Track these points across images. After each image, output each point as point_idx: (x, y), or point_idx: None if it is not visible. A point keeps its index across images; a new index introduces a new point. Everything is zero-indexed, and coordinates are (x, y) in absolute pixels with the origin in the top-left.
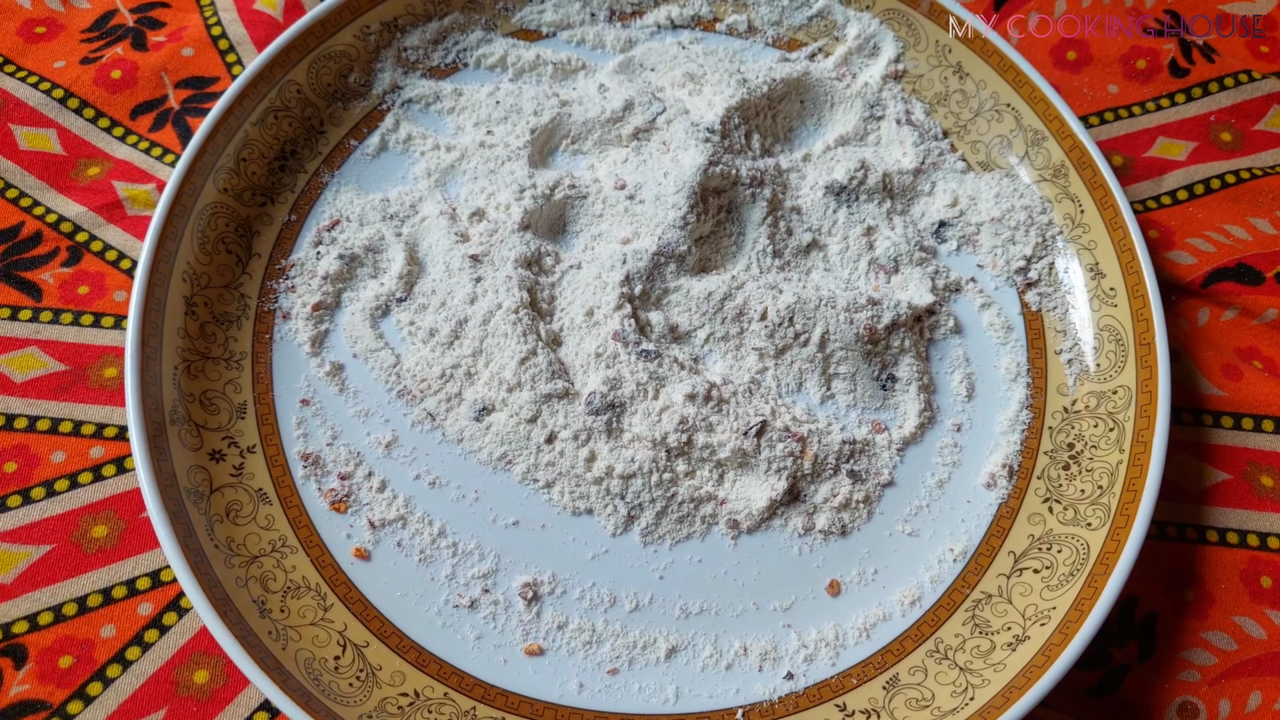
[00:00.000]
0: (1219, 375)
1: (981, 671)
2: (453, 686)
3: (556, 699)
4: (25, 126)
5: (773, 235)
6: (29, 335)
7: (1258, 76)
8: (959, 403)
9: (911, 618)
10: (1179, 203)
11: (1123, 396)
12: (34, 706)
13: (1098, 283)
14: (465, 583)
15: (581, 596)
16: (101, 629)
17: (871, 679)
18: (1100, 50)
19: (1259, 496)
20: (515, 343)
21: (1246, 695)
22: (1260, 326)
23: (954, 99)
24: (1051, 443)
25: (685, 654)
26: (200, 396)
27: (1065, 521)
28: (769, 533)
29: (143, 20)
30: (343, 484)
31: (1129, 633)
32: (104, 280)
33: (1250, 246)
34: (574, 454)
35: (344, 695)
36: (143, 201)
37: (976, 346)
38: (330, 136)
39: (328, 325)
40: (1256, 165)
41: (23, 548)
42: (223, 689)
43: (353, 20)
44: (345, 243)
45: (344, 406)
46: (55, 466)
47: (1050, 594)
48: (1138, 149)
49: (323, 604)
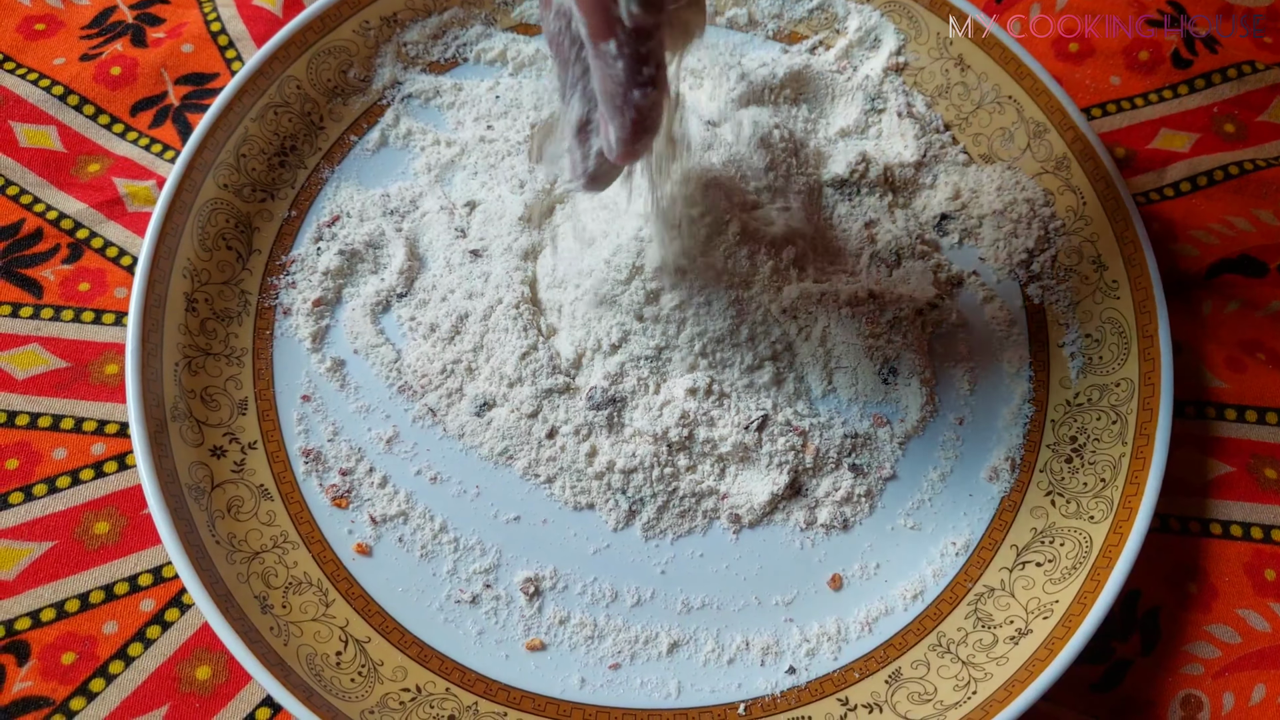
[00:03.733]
0: (1222, 367)
1: (984, 665)
2: (454, 681)
3: (558, 694)
4: (25, 123)
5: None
6: (30, 332)
7: (1261, 68)
8: (961, 396)
9: (913, 611)
10: (1182, 195)
11: (1125, 389)
12: (37, 703)
13: (1100, 275)
14: (466, 578)
15: (583, 591)
16: (104, 625)
17: (874, 673)
18: (1103, 42)
19: (1263, 489)
20: (516, 338)
21: (1250, 688)
22: (1264, 318)
23: (955, 91)
24: (1054, 436)
25: (687, 649)
26: (201, 392)
27: (1068, 515)
28: (770, 527)
29: (142, 17)
30: (344, 480)
31: (1132, 626)
32: (105, 277)
33: (1254, 238)
34: (575, 449)
35: (346, 691)
36: (143, 198)
37: (979, 340)
38: (330, 132)
39: (328, 321)
40: (1260, 157)
41: (25, 544)
42: (225, 685)
43: (352, 15)
44: (345, 238)
45: (345, 402)
46: (57, 463)
47: (1053, 587)
48: (1140, 141)
49: (324, 600)
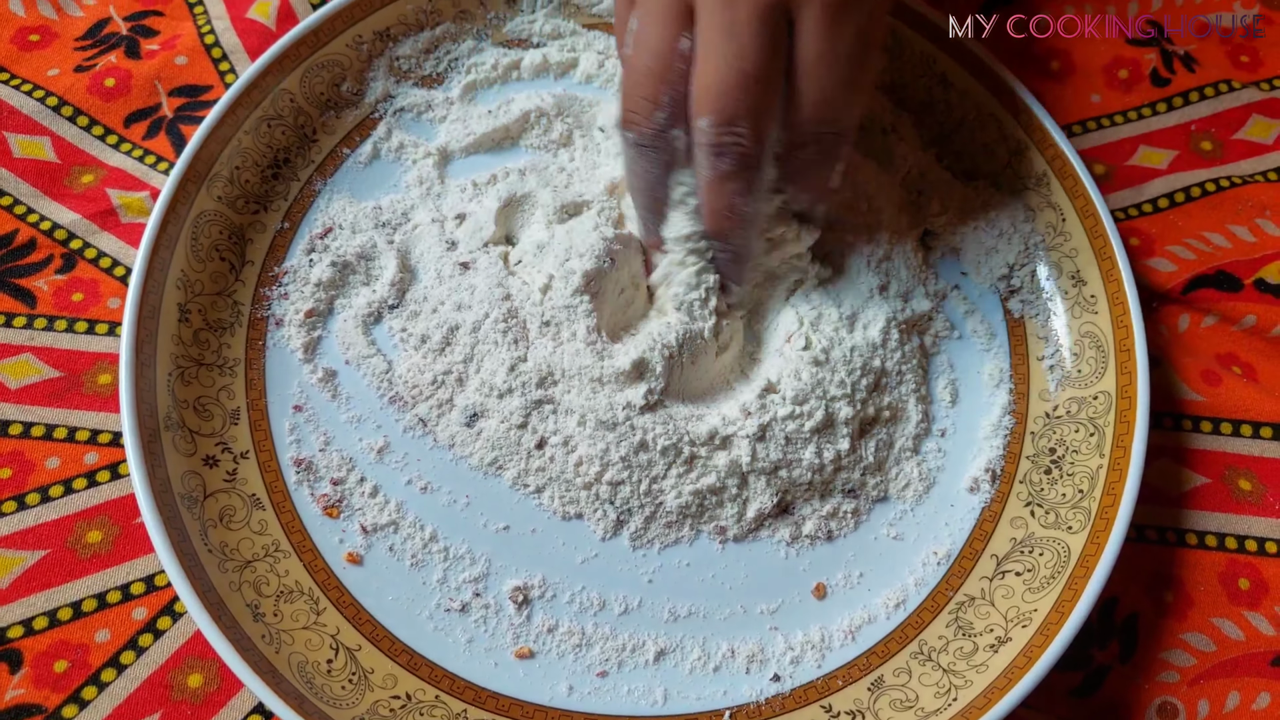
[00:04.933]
0: (1198, 381)
1: (964, 673)
2: (444, 689)
3: (546, 701)
4: (19, 134)
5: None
6: (23, 342)
7: (1237, 86)
8: (943, 408)
9: (896, 620)
10: (1160, 210)
11: (1103, 402)
12: (29, 710)
13: (1079, 290)
14: (456, 587)
15: (571, 600)
16: (96, 633)
17: (856, 680)
18: (1083, 60)
19: (1237, 500)
20: (505, 350)
21: (1225, 696)
22: (1239, 332)
23: (938, 108)
24: (1033, 447)
25: (673, 657)
26: (194, 403)
27: (1047, 525)
28: (756, 540)
29: (136, 29)
30: (335, 489)
31: (1110, 634)
32: (98, 287)
33: (1230, 254)
34: (564, 459)
35: (337, 698)
36: (136, 209)
37: (960, 353)
38: (323, 145)
39: (320, 332)
40: (1236, 174)
41: (18, 553)
42: (216, 692)
43: (345, 30)
44: (338, 250)
45: (336, 412)
46: (50, 472)
47: (1032, 596)
48: (1119, 157)
49: (315, 608)
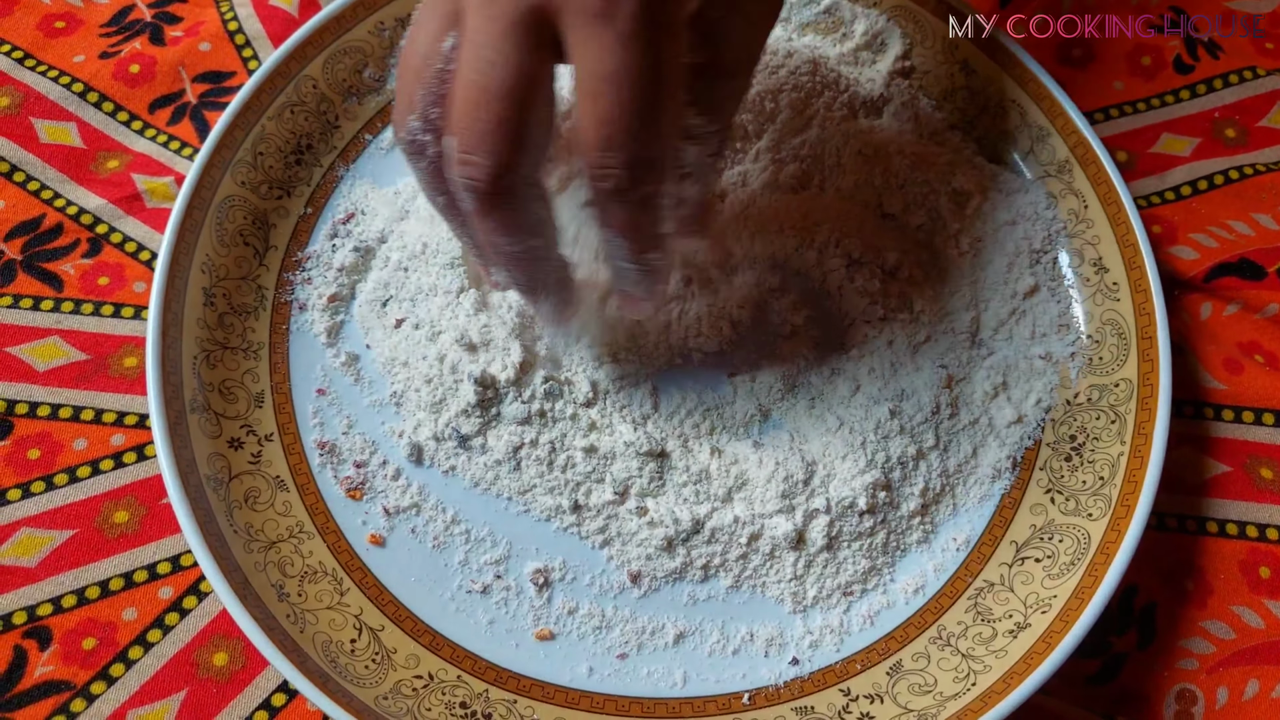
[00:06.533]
0: (1220, 369)
1: (983, 658)
2: (466, 669)
3: (567, 682)
4: (46, 120)
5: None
6: (51, 325)
7: (1262, 73)
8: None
9: (915, 605)
10: (1182, 198)
11: (1125, 389)
12: (58, 687)
13: (1101, 277)
14: (478, 569)
15: (591, 583)
16: (123, 612)
17: (875, 665)
18: (1105, 47)
19: (1259, 488)
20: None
21: (1244, 683)
22: (1262, 321)
23: (960, 95)
24: (1054, 434)
25: (693, 639)
26: (219, 385)
27: (1067, 512)
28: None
29: (160, 15)
30: (358, 472)
31: (1129, 621)
32: (124, 271)
33: (1253, 242)
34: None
35: (360, 677)
36: (161, 194)
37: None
38: (345, 131)
39: (343, 316)
40: (1259, 161)
41: (47, 532)
42: (241, 671)
43: (368, 16)
44: (360, 235)
45: (359, 396)
46: (77, 454)
47: (1051, 583)
48: (1142, 145)
49: (339, 588)
